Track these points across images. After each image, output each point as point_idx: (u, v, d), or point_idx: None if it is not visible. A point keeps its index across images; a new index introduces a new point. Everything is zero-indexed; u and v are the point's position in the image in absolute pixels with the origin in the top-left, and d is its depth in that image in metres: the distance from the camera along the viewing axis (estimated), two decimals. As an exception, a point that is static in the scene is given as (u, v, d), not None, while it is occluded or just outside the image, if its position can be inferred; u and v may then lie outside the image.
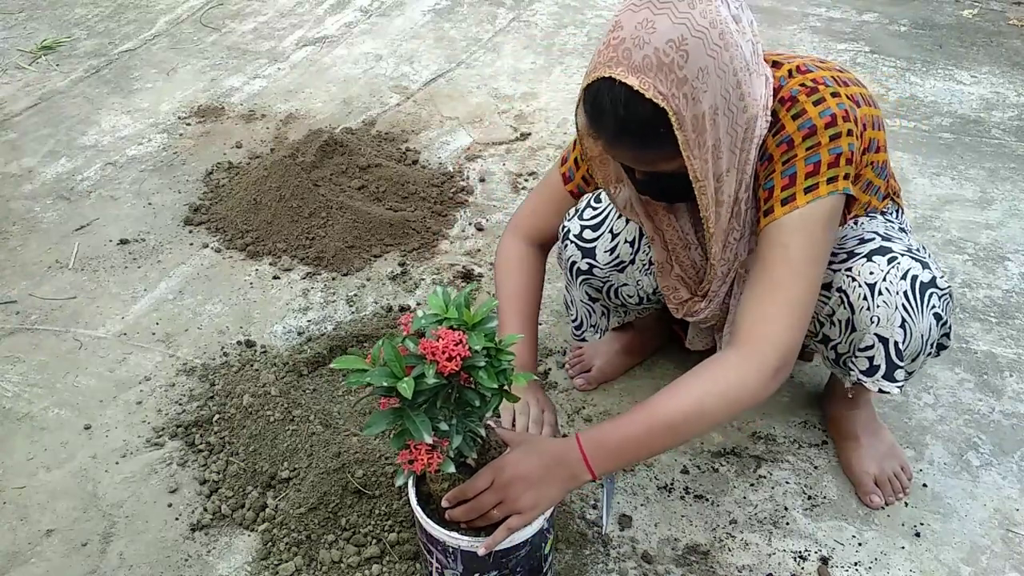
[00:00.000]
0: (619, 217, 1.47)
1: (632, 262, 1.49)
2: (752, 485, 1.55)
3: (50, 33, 3.23)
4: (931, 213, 2.23)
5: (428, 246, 2.16)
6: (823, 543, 1.45)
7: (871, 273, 1.28)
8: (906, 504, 1.51)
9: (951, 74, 2.88)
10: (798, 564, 1.42)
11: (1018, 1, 3.40)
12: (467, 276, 2.05)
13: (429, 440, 1.02)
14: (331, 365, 1.12)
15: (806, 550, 1.44)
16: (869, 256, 1.29)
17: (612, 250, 1.48)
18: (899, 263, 1.27)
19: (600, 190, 1.48)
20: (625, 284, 1.52)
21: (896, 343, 1.29)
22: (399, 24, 3.30)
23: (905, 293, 1.27)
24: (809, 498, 1.53)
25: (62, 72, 2.99)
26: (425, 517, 1.19)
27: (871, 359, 1.31)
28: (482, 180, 2.41)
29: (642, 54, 1.07)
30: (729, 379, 1.18)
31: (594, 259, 1.49)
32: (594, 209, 1.49)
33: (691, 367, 1.21)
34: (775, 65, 1.27)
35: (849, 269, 1.30)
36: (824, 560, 1.42)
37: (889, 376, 1.32)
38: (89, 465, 1.60)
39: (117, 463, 1.60)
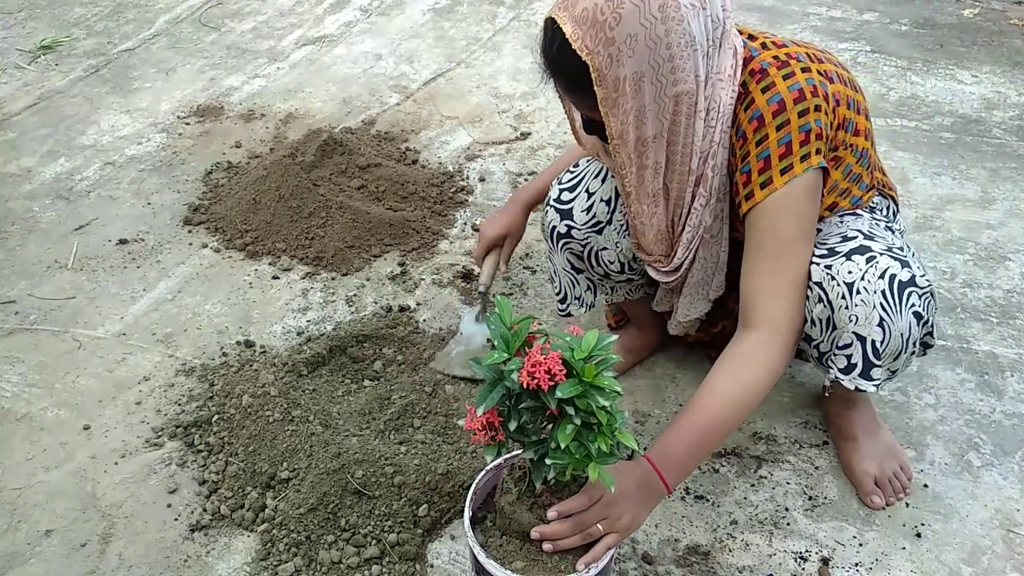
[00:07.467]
0: (595, 177, 1.52)
1: (609, 222, 1.52)
2: (753, 486, 1.54)
3: (49, 33, 3.23)
4: (932, 213, 2.23)
5: (428, 246, 2.16)
6: (824, 544, 1.45)
7: (849, 272, 1.28)
8: (907, 504, 1.50)
9: (952, 74, 2.87)
10: (799, 565, 1.41)
11: (1019, 1, 3.40)
12: (467, 276, 2.05)
13: (481, 413, 1.05)
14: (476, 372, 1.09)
15: (807, 551, 1.44)
16: (848, 255, 1.29)
17: (588, 209, 1.52)
18: (877, 262, 1.27)
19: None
20: (604, 248, 1.54)
21: (874, 342, 1.28)
22: (399, 23, 3.30)
23: (883, 292, 1.26)
24: (810, 498, 1.52)
25: (61, 72, 2.98)
26: (486, 558, 1.15)
27: (849, 357, 1.31)
28: (482, 180, 2.40)
29: (583, 6, 1.14)
30: (760, 363, 1.27)
31: (572, 220, 1.53)
32: (571, 172, 1.55)
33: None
34: (751, 38, 1.31)
35: (829, 267, 1.30)
36: (825, 561, 1.42)
37: (866, 375, 1.32)
38: (88, 465, 1.60)
39: (116, 463, 1.60)
